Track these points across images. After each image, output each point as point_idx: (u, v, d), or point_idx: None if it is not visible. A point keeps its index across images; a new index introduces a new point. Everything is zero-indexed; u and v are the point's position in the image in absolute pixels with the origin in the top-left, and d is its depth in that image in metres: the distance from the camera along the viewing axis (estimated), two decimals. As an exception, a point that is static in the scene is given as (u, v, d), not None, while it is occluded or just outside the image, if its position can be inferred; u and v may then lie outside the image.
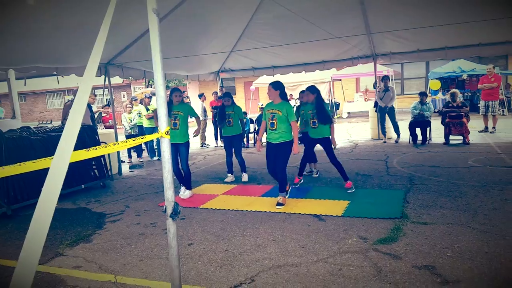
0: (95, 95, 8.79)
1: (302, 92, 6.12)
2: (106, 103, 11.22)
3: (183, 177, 5.57)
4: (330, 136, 5.30)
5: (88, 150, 1.55)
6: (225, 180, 6.44)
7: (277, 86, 4.77)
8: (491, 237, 3.38)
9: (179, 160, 5.57)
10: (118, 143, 1.78)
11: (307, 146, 5.62)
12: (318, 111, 5.21)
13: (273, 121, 4.72)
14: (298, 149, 4.76)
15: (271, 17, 7.29)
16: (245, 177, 6.34)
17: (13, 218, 5.02)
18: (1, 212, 5.01)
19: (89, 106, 8.17)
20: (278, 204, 4.72)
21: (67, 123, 1.47)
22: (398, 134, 9.49)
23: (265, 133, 4.99)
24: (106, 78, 7.63)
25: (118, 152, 7.97)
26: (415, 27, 7.08)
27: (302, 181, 5.80)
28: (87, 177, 6.42)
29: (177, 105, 5.42)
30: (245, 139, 10.33)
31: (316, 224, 4.04)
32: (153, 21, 1.97)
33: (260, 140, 5.12)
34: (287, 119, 4.69)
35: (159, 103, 2.03)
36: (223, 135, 6.50)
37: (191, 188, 5.67)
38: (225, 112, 6.26)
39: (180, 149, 5.47)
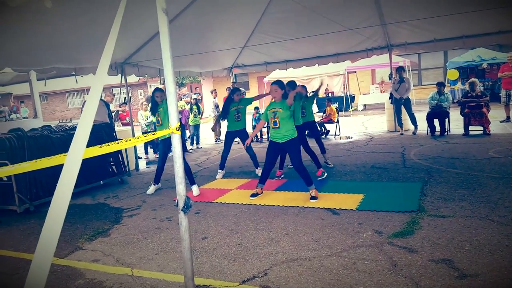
0: (114, 95, 8.93)
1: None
2: (123, 101, 11.39)
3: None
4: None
5: (101, 147, 1.58)
6: (217, 177, 6.39)
7: (283, 86, 4.82)
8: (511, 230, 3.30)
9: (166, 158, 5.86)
10: (130, 139, 1.81)
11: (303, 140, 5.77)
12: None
13: (275, 120, 4.70)
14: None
15: (283, 11, 7.23)
16: (259, 172, 6.30)
17: (35, 213, 5.19)
18: (24, 208, 5.19)
19: (106, 105, 8.32)
20: (312, 197, 4.67)
21: (80, 120, 1.50)
22: (416, 126, 9.31)
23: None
24: (123, 77, 7.75)
25: (135, 149, 8.10)
26: (431, 15, 6.89)
27: (282, 175, 6.01)
28: (105, 173, 6.57)
29: (161, 104, 5.64)
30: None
31: (330, 218, 4.02)
32: (163, 20, 1.99)
33: (261, 136, 5.25)
34: (290, 114, 4.68)
35: (170, 100, 2.06)
36: (228, 130, 6.41)
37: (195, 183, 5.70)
38: (229, 107, 6.24)
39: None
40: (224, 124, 11.79)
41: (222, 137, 11.44)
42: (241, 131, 6.32)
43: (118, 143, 1.70)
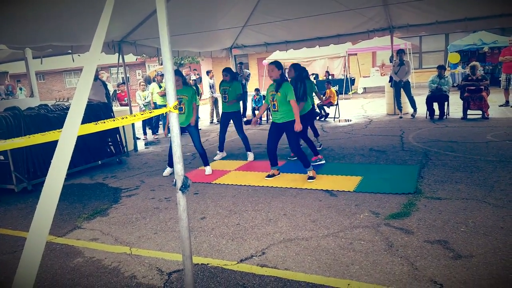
0: (111, 74, 8.85)
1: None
2: (121, 81, 11.30)
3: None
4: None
5: (96, 124, 1.56)
6: (214, 158, 6.37)
7: (280, 66, 4.77)
8: (507, 213, 3.32)
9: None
10: (127, 117, 1.79)
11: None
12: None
13: (274, 103, 4.75)
14: (299, 127, 4.66)
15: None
16: (250, 156, 6.20)
17: (33, 192, 5.20)
18: (22, 187, 5.19)
19: (104, 84, 8.24)
20: (310, 178, 4.75)
21: (74, 98, 1.47)
22: (415, 109, 9.28)
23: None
24: (120, 56, 7.63)
25: (133, 129, 8.07)
26: (434, -3, 6.78)
27: (322, 159, 5.69)
28: (103, 153, 6.56)
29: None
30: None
31: (328, 199, 4.04)
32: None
33: (260, 118, 5.19)
34: (286, 99, 4.66)
35: (167, 78, 2.02)
36: (222, 111, 6.40)
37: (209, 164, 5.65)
38: (220, 86, 6.26)
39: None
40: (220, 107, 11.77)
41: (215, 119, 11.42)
42: (232, 113, 6.24)
43: (114, 120, 1.67)
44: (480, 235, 2.96)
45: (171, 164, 5.64)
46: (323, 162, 5.60)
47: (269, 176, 5.04)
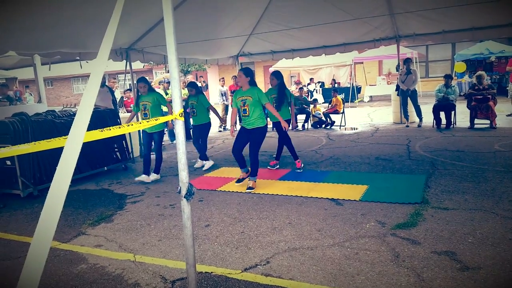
0: (118, 81, 8.95)
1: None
2: (128, 88, 11.37)
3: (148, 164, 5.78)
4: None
5: (102, 131, 1.57)
6: (195, 166, 6.50)
7: (248, 73, 4.85)
8: (515, 224, 3.27)
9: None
10: (132, 124, 1.79)
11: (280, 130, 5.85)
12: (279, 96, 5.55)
13: (245, 108, 4.80)
14: (286, 125, 5.04)
15: (291, -1, 7.12)
16: (199, 164, 6.46)
17: (39, 198, 5.22)
18: (28, 192, 5.22)
19: (111, 91, 8.32)
20: (249, 188, 4.85)
21: (80, 105, 1.48)
22: (420, 118, 9.24)
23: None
24: (128, 63, 7.70)
25: (139, 136, 8.10)
26: (440, 6, 6.76)
27: (278, 165, 6.03)
28: (109, 160, 6.59)
29: (145, 96, 5.72)
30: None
31: (333, 208, 4.01)
32: (167, 1, 1.95)
33: (234, 125, 5.22)
34: (260, 103, 4.78)
35: (173, 85, 2.03)
36: (192, 124, 6.66)
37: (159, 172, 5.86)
38: (187, 102, 6.44)
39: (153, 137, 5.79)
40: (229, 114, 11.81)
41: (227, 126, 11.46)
42: (201, 126, 6.46)
43: (120, 127, 1.68)
44: (488, 246, 2.91)
45: (147, 172, 5.77)
46: (277, 167, 5.99)
47: (238, 181, 5.13)
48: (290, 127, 5.56)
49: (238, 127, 5.66)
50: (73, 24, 5.50)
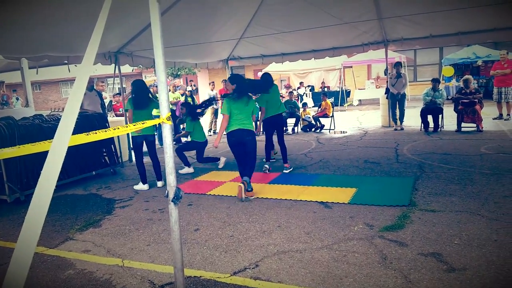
0: (107, 84, 8.89)
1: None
2: (117, 92, 11.30)
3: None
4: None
5: (87, 134, 1.56)
6: (180, 171, 6.32)
7: (234, 80, 4.88)
8: (500, 225, 3.32)
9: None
10: (119, 127, 1.78)
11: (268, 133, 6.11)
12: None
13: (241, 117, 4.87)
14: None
15: (280, 3, 7.17)
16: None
17: (26, 203, 5.14)
18: (14, 198, 5.14)
19: (99, 94, 8.24)
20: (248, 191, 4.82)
21: (66, 108, 1.48)
22: (402, 121, 9.44)
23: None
24: (116, 67, 7.65)
25: (128, 140, 8.04)
26: (428, 11, 6.88)
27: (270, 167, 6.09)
28: (98, 164, 6.52)
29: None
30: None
31: (322, 211, 4.03)
32: (154, 5, 1.96)
33: (221, 135, 4.91)
34: (250, 112, 4.86)
35: (160, 89, 2.03)
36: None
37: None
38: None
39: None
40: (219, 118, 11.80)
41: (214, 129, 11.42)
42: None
43: (106, 131, 1.67)
44: (474, 247, 2.95)
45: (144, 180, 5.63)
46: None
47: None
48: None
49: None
50: (61, 27, 5.45)
